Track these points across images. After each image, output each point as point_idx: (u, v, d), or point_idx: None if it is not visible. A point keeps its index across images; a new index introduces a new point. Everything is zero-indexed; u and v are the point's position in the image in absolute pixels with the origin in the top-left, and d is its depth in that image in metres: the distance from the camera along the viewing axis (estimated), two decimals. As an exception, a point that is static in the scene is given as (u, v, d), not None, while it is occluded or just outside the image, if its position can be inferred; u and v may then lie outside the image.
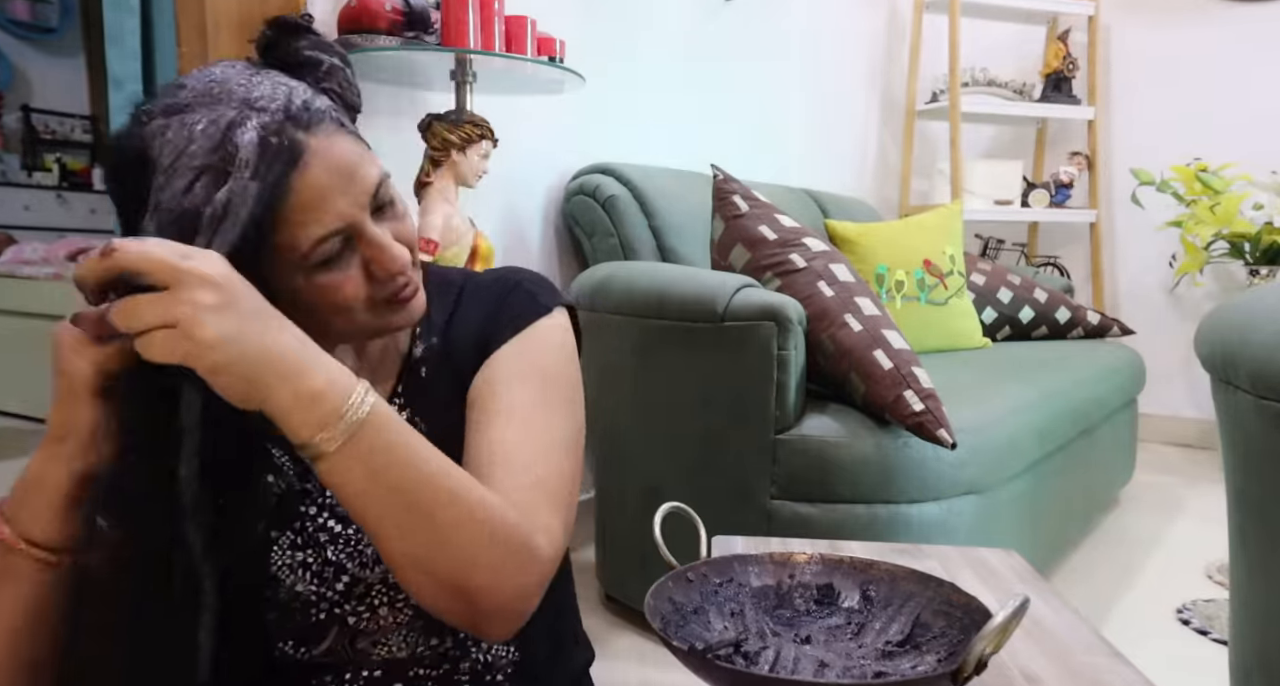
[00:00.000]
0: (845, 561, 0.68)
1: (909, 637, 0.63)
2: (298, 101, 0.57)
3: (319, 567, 0.66)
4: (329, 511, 0.67)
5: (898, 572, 0.67)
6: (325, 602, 0.66)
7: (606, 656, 0.88)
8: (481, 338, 0.70)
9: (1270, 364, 0.75)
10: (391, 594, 0.67)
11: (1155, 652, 1.65)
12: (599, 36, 2.30)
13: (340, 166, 0.57)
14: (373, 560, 0.67)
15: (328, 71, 0.62)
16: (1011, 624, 0.52)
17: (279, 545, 0.66)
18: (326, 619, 0.67)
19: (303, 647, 0.67)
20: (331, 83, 0.62)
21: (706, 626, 0.61)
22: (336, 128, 0.59)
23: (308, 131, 0.56)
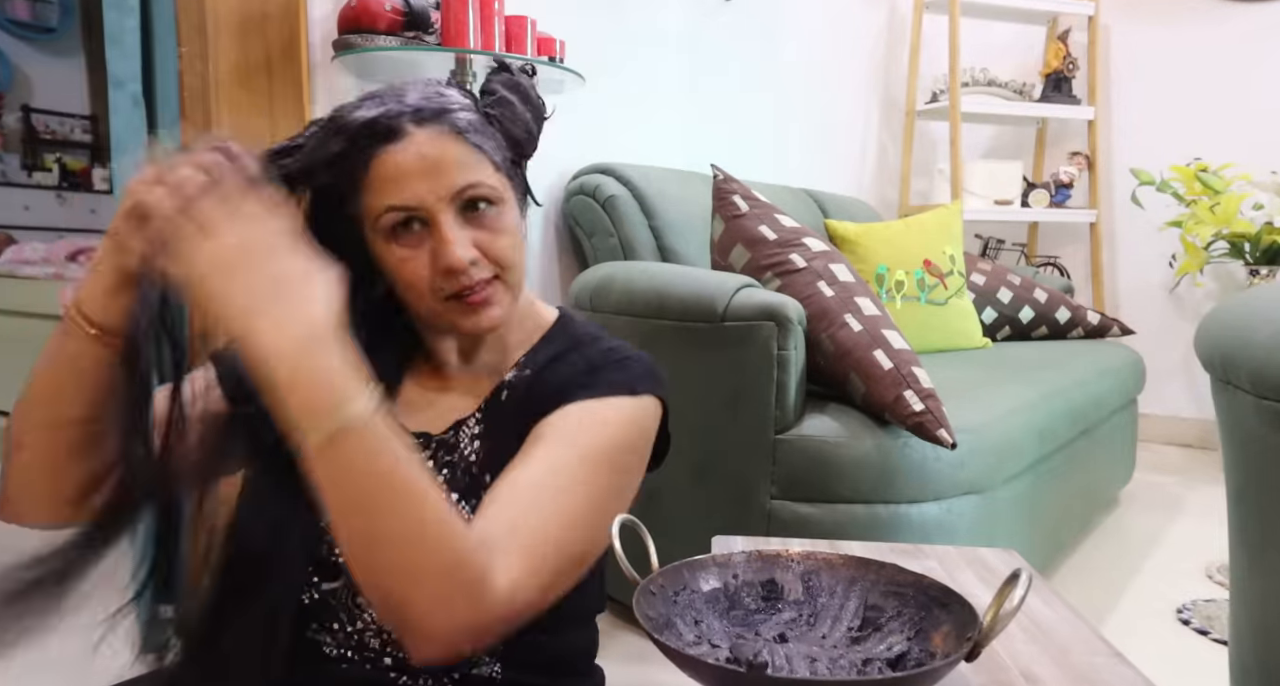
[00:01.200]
0: (781, 555, 0.69)
1: (867, 621, 0.64)
2: (432, 105, 0.69)
3: None
4: None
5: (834, 560, 0.67)
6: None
7: (607, 657, 0.88)
8: (567, 386, 0.72)
9: (1270, 364, 0.75)
10: None
11: (1155, 652, 1.65)
12: (599, 36, 2.30)
13: (431, 157, 0.67)
14: None
15: (497, 101, 0.75)
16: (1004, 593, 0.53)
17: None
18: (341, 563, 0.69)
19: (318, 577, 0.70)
20: (496, 110, 0.74)
21: (678, 637, 0.61)
22: (453, 133, 0.69)
23: (419, 125, 0.68)
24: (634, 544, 0.69)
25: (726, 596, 0.66)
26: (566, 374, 0.73)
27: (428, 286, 0.69)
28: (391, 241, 0.69)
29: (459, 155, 0.68)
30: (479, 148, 0.70)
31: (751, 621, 0.65)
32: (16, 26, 4.80)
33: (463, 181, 0.68)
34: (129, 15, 1.47)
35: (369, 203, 0.68)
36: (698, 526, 1.52)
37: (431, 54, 1.64)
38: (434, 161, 0.67)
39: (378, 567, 0.56)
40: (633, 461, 0.73)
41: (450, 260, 0.67)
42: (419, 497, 0.56)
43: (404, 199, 0.67)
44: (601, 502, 0.67)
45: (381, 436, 0.55)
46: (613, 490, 0.69)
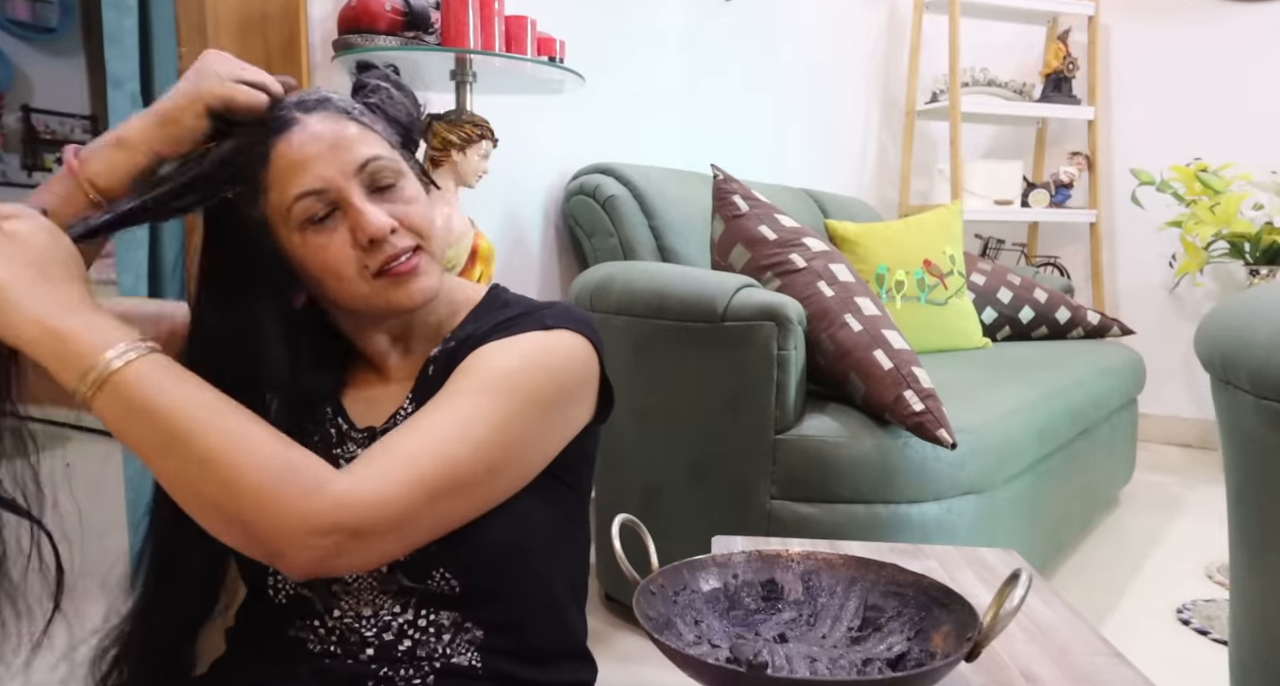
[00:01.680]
0: (781, 555, 0.68)
1: (867, 621, 0.63)
2: (313, 96, 0.71)
3: None
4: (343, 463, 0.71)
5: (834, 560, 0.67)
6: None
7: (606, 657, 0.88)
8: (483, 340, 0.71)
9: (1270, 364, 0.75)
10: None
11: (1155, 652, 1.65)
12: (599, 36, 2.30)
13: (326, 136, 0.68)
14: None
15: (372, 90, 0.77)
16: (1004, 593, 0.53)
17: None
18: None
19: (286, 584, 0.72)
20: (374, 99, 0.76)
21: (678, 637, 0.61)
22: (341, 115, 0.70)
23: (306, 112, 0.69)
24: (634, 544, 0.69)
25: (726, 596, 0.66)
26: (484, 332, 0.73)
27: (355, 267, 0.68)
28: (307, 232, 0.68)
29: (353, 132, 0.70)
30: (368, 126, 0.72)
31: (751, 621, 0.65)
32: (16, 26, 4.80)
33: (363, 155, 0.69)
34: (128, 15, 1.47)
35: (275, 199, 0.68)
36: (698, 526, 1.52)
37: (431, 54, 1.64)
38: (331, 140, 0.68)
39: (198, 492, 0.57)
40: (543, 383, 0.69)
41: (371, 229, 0.67)
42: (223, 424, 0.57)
43: (311, 182, 0.67)
44: (502, 424, 0.65)
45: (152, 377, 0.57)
46: (517, 414, 0.66)
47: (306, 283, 0.71)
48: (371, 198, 0.69)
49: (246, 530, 0.57)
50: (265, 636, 0.73)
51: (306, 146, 0.67)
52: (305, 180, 0.67)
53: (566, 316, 0.74)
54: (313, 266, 0.69)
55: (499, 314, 0.77)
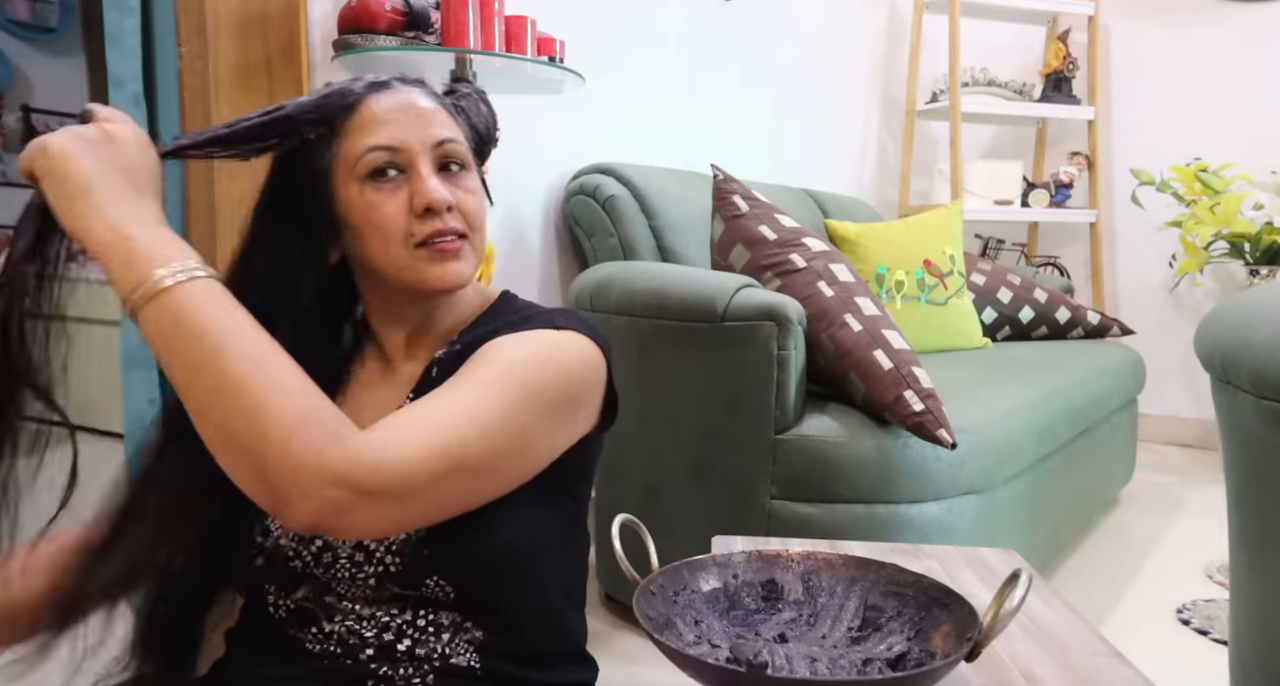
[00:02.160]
0: (781, 555, 0.68)
1: (867, 621, 0.63)
2: (413, 76, 0.74)
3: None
4: None
5: (834, 560, 0.67)
6: (299, 559, 0.71)
7: (606, 657, 0.88)
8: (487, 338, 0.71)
9: (1270, 364, 0.75)
10: (353, 570, 0.69)
11: (1155, 652, 1.66)
12: (599, 36, 2.30)
13: (414, 107, 0.71)
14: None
15: (463, 95, 0.80)
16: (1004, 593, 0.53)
17: None
18: (301, 573, 0.71)
19: (282, 592, 0.72)
20: (464, 102, 0.79)
21: (678, 637, 0.61)
22: (433, 97, 0.74)
23: (404, 84, 0.72)
24: (634, 544, 0.69)
25: (726, 596, 0.66)
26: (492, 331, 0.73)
27: (401, 232, 0.69)
28: (366, 186, 0.69)
29: (440, 113, 0.72)
30: (452, 116, 0.74)
31: (751, 621, 0.65)
32: (16, 26, 4.80)
33: (443, 134, 0.71)
34: (129, 15, 1.47)
35: (348, 147, 0.69)
36: (698, 526, 1.52)
37: (431, 54, 1.64)
38: (419, 110, 0.71)
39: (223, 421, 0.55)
40: (551, 379, 0.68)
41: (431, 196, 0.68)
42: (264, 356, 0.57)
43: (387, 138, 0.69)
44: (509, 414, 0.64)
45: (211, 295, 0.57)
46: (524, 407, 0.65)
47: (350, 238, 0.72)
48: (439, 175, 0.71)
49: (259, 468, 0.55)
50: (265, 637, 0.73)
51: (394, 108, 0.70)
52: (382, 135, 0.69)
53: (577, 321, 0.74)
54: (362, 221, 0.70)
55: (508, 318, 0.77)
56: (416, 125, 0.70)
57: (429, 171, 0.70)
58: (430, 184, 0.69)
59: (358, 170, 0.69)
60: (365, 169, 0.69)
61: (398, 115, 0.70)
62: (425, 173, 0.69)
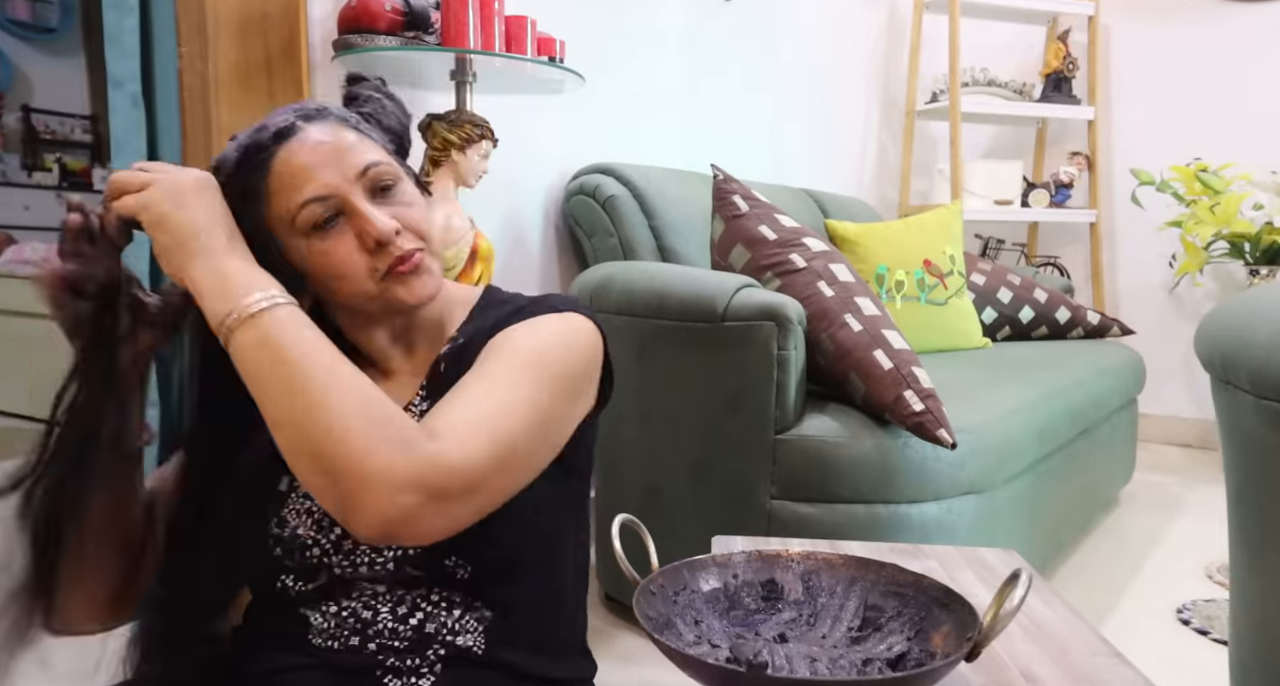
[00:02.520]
0: (781, 555, 0.68)
1: (867, 621, 0.64)
2: (310, 106, 0.73)
3: (320, 516, 0.74)
4: None
5: (834, 560, 0.67)
6: (318, 548, 0.73)
7: (606, 657, 0.88)
8: (497, 329, 0.74)
9: (1270, 364, 0.75)
10: (372, 555, 0.72)
11: (1155, 652, 1.65)
12: (599, 36, 2.30)
13: (328, 143, 0.70)
14: None
15: (365, 100, 0.80)
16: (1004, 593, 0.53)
17: (296, 493, 0.75)
18: (318, 563, 0.73)
19: (300, 582, 0.74)
20: (368, 108, 0.79)
21: (678, 637, 0.61)
22: (340, 123, 0.73)
23: (307, 121, 0.71)
24: (634, 544, 0.69)
25: (726, 596, 0.66)
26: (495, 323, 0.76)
27: (362, 270, 0.70)
28: (312, 238, 0.70)
29: (352, 140, 0.72)
30: (366, 134, 0.74)
31: (751, 621, 0.65)
32: (16, 26, 4.80)
33: (363, 161, 0.71)
34: (129, 15, 1.47)
35: (279, 207, 0.70)
36: (698, 526, 1.52)
37: (431, 54, 1.64)
38: (331, 147, 0.70)
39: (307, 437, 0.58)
40: (566, 357, 0.72)
41: (378, 231, 0.69)
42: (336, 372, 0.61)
43: (315, 189, 0.69)
44: (540, 399, 0.67)
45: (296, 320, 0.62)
46: (546, 381, 0.68)
47: (313, 286, 0.73)
48: (374, 201, 0.71)
49: (332, 479, 0.58)
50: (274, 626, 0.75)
51: (309, 154, 0.69)
52: (310, 187, 0.69)
53: (572, 303, 0.77)
54: (320, 270, 0.71)
55: (502, 308, 0.79)
56: (337, 162, 0.70)
57: (365, 204, 0.70)
58: (374, 219, 0.69)
59: (298, 226, 0.69)
60: (305, 224, 0.69)
61: (316, 160, 0.69)
62: (364, 207, 0.69)
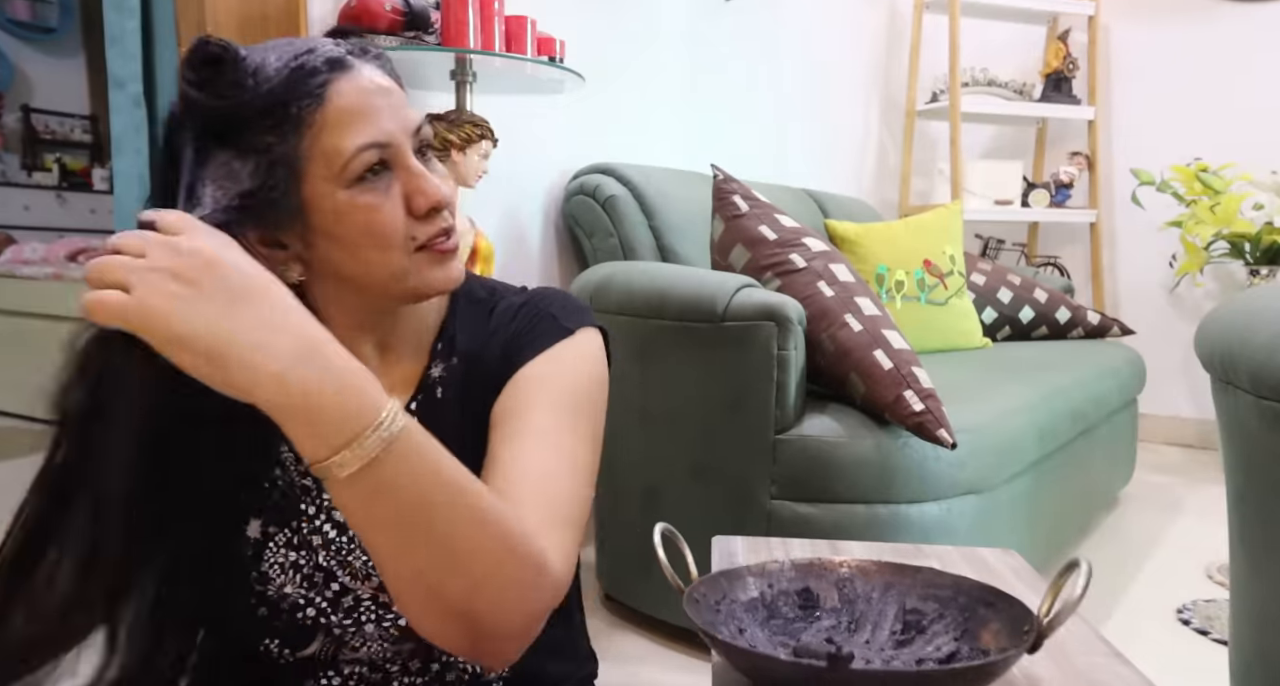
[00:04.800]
0: (815, 564, 0.68)
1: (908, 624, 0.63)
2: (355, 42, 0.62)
3: (310, 571, 0.65)
4: (326, 514, 0.66)
5: (867, 567, 0.67)
6: (313, 608, 0.65)
7: (606, 657, 0.88)
8: (505, 361, 0.68)
9: (1270, 364, 0.75)
10: (380, 612, 0.65)
11: (1155, 652, 1.65)
12: (599, 36, 2.29)
13: (385, 87, 0.60)
14: (363, 573, 0.65)
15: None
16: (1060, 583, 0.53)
17: (274, 542, 0.65)
18: (313, 625, 0.65)
19: (288, 648, 0.66)
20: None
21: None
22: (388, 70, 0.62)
23: (359, 58, 0.60)
24: (633, 546, 0.69)
25: (764, 605, 0.66)
26: (499, 351, 0.69)
27: (402, 237, 0.60)
28: (355, 190, 0.58)
29: (401, 93, 0.62)
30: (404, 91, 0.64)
31: (792, 629, 0.65)
32: (16, 26, 4.80)
33: (417, 118, 0.62)
34: (130, 16, 1.47)
35: (328, 144, 0.57)
36: (698, 526, 1.51)
37: (431, 54, 1.64)
38: (390, 91, 0.60)
39: (444, 586, 0.50)
40: (601, 398, 0.70)
41: (434, 197, 0.60)
42: (473, 496, 0.51)
43: (375, 134, 0.58)
44: (594, 451, 0.66)
45: (416, 442, 0.49)
46: (597, 433, 0.67)
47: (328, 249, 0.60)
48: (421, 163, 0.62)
49: (470, 623, 0.51)
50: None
51: (373, 95, 0.59)
52: (370, 130, 0.58)
53: (576, 312, 0.71)
54: (355, 228, 0.59)
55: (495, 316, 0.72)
56: (396, 112, 0.60)
57: (418, 164, 0.61)
58: (430, 180, 0.60)
59: (348, 172, 0.58)
60: (356, 170, 0.58)
61: (376, 102, 0.59)
62: (418, 167, 0.61)
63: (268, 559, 0.65)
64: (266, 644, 0.65)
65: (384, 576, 0.51)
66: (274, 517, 0.66)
